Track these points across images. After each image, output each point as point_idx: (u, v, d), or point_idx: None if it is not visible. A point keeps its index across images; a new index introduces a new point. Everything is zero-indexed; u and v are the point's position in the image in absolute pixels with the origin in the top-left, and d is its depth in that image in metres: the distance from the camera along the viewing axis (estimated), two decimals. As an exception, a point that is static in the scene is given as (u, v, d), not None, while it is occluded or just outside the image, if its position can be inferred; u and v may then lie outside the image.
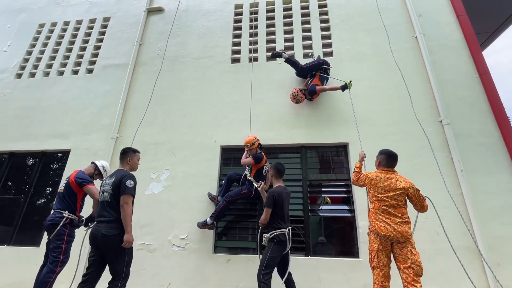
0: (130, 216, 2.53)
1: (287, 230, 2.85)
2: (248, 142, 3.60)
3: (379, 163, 2.74)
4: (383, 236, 2.42)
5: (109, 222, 2.51)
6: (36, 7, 6.42)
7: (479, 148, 3.66)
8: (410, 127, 3.81)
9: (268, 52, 4.89)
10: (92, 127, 4.69)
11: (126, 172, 2.68)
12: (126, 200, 2.52)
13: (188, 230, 3.76)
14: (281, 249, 2.80)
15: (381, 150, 2.78)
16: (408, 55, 4.40)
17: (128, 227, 2.49)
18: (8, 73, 5.59)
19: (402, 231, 2.38)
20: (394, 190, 2.49)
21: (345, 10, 4.99)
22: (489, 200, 3.37)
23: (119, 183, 2.57)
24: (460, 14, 4.53)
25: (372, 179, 2.63)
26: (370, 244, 2.56)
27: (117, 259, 2.51)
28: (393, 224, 2.41)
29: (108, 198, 2.57)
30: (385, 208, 2.48)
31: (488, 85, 3.95)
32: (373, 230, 2.51)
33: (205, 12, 5.53)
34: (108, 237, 2.45)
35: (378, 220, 2.49)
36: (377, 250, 2.44)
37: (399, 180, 2.55)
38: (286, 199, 2.96)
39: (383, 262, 2.41)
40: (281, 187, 3.02)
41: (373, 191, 2.60)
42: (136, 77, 5.05)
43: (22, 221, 4.34)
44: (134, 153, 2.89)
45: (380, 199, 2.51)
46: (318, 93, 4.16)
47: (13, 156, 4.86)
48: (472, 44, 4.27)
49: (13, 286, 3.72)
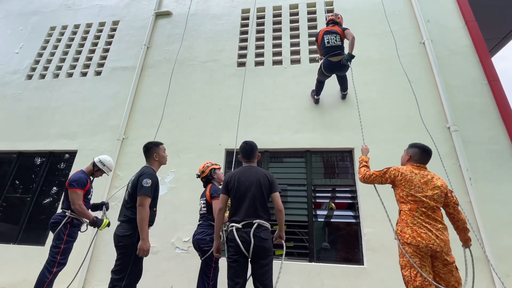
0: (146, 220, 2.26)
1: (240, 225, 2.14)
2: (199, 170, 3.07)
3: (409, 158, 2.34)
4: (424, 246, 1.94)
5: (123, 222, 2.35)
6: (48, 11, 6.58)
7: (488, 155, 3.59)
8: (417, 133, 3.75)
9: (274, 57, 4.91)
10: (99, 128, 4.75)
11: (147, 170, 2.46)
12: (141, 202, 2.27)
13: (191, 232, 3.73)
14: (233, 253, 2.13)
15: (412, 143, 2.42)
16: (415, 60, 4.36)
17: (143, 233, 2.22)
18: (19, 74, 5.72)
19: (445, 240, 1.98)
20: (432, 188, 2.08)
21: (352, 15, 4.99)
22: (498, 209, 3.29)
23: (137, 182, 2.37)
24: (468, 20, 4.48)
25: (406, 175, 2.17)
26: (405, 259, 2.02)
27: (121, 264, 2.25)
28: (434, 230, 1.98)
29: (127, 197, 2.42)
30: (424, 211, 2.04)
31: (497, 91, 3.89)
32: (408, 239, 2.02)
33: (212, 16, 5.59)
34: (119, 237, 2.28)
35: (416, 225, 2.02)
36: (420, 265, 1.93)
37: (435, 177, 2.16)
38: (244, 184, 2.26)
39: (428, 280, 1.91)
40: (242, 168, 2.42)
41: (408, 189, 2.13)
42: (143, 79, 5.12)
43: (29, 220, 4.40)
44: (157, 146, 2.64)
45: (419, 199, 2.07)
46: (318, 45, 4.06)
47: (21, 156, 4.94)
48: (481, 50, 4.22)
49: (18, 284, 3.75)
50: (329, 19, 4.08)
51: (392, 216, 3.34)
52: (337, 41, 3.75)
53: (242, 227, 2.14)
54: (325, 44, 3.80)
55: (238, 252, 2.11)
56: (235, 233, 2.14)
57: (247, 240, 2.08)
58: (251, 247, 2.07)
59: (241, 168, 2.42)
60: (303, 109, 4.27)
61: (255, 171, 2.36)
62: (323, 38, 3.84)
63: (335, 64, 3.72)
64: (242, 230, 2.13)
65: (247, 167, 2.42)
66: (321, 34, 3.92)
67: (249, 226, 2.13)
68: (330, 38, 3.78)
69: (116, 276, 2.23)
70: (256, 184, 2.25)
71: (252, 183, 2.26)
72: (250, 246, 2.07)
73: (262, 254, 2.10)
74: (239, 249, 2.09)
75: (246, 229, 2.13)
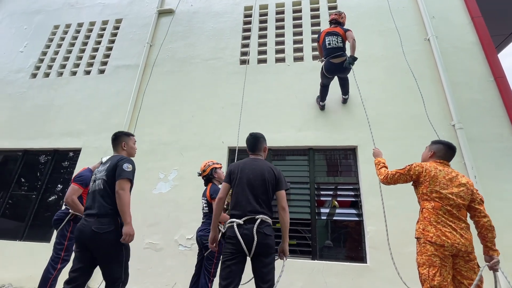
0: (128, 204, 2.07)
1: (241, 221, 2.01)
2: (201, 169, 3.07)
3: (432, 154, 2.27)
4: (450, 245, 1.88)
5: (100, 216, 2.03)
6: (51, 9, 6.61)
7: (494, 153, 3.55)
8: (422, 131, 3.72)
9: (277, 54, 4.89)
10: (103, 127, 4.77)
11: (124, 156, 2.29)
12: (123, 186, 2.07)
13: (194, 230, 3.76)
14: (231, 250, 2.00)
15: (435, 140, 2.39)
16: (420, 57, 4.31)
17: (127, 217, 2.03)
18: (24, 73, 5.76)
19: (470, 239, 1.93)
20: (458, 186, 2.01)
21: (356, 12, 4.94)
22: (504, 208, 3.25)
23: (115, 167, 2.15)
24: (474, 16, 4.42)
25: (431, 171, 2.09)
26: (424, 257, 1.95)
27: (114, 262, 2.04)
28: (459, 229, 1.92)
29: (102, 185, 2.13)
30: (449, 209, 1.97)
31: (503, 88, 3.84)
32: (433, 238, 1.94)
33: (215, 14, 5.57)
34: (100, 235, 1.97)
35: (440, 224, 1.94)
36: (440, 265, 1.87)
37: (459, 174, 2.10)
38: (248, 175, 2.13)
39: (448, 281, 1.85)
40: (247, 159, 2.32)
41: (432, 185, 2.05)
42: (146, 77, 5.12)
43: (34, 217, 4.45)
44: (128, 136, 2.49)
45: (444, 196, 1.99)
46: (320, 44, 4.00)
47: (26, 154, 4.99)
48: (487, 46, 4.16)
49: (24, 280, 3.81)
50: (331, 18, 4.04)
51: (393, 214, 3.35)
52: (339, 43, 3.74)
53: (243, 223, 2.00)
54: (326, 46, 3.78)
55: (238, 250, 1.97)
56: (236, 229, 1.99)
57: (250, 237, 1.95)
58: (254, 244, 1.94)
59: (246, 159, 2.30)
60: (306, 106, 4.25)
61: (260, 163, 2.21)
62: (325, 39, 3.83)
63: (336, 65, 3.70)
64: (243, 226, 1.99)
65: (252, 158, 2.30)
66: (322, 35, 3.91)
67: (251, 222, 2.00)
68: (332, 40, 3.77)
69: (115, 275, 2.05)
70: (261, 178, 2.11)
71: (256, 176, 2.12)
72: (252, 244, 1.94)
73: (265, 251, 1.98)
74: (240, 247, 1.96)
75: (248, 225, 1.99)
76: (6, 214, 4.61)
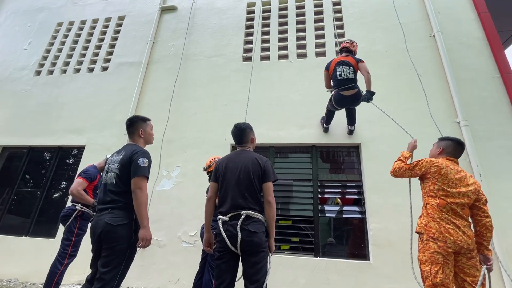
0: (146, 205, 1.93)
1: (226, 218, 1.92)
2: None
3: (441, 151, 2.25)
4: (452, 242, 1.89)
5: (114, 208, 1.92)
6: (55, 7, 6.62)
7: (499, 151, 3.51)
8: (426, 128, 3.69)
9: (280, 51, 4.86)
10: (107, 123, 4.80)
11: (138, 148, 2.10)
12: (139, 185, 1.93)
13: (197, 226, 3.79)
14: (219, 249, 1.93)
15: (443, 136, 2.36)
16: (425, 53, 4.26)
17: (144, 220, 1.89)
18: (28, 71, 5.80)
19: (472, 237, 1.94)
20: (466, 185, 2.00)
21: (360, 8, 4.88)
22: (509, 206, 3.22)
23: (128, 161, 1.99)
24: (481, 11, 4.34)
25: (442, 168, 2.06)
26: (427, 254, 1.95)
27: (114, 260, 1.83)
28: (462, 227, 1.93)
29: (114, 180, 1.99)
30: (453, 208, 1.97)
31: (510, 85, 3.78)
32: (435, 234, 1.95)
33: (217, 10, 5.55)
34: (113, 227, 1.84)
35: (444, 220, 1.96)
36: (443, 263, 1.87)
37: (468, 175, 2.09)
38: (232, 170, 2.03)
39: (450, 278, 1.86)
40: (232, 152, 2.23)
41: (440, 183, 2.04)
42: (149, 74, 5.13)
43: (39, 214, 4.51)
44: (145, 122, 2.28)
45: (451, 194, 1.99)
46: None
47: (31, 151, 5.04)
48: (493, 42, 4.10)
49: (29, 275, 3.87)
50: (342, 46, 3.65)
51: (395, 212, 3.33)
52: (350, 74, 3.40)
53: (228, 220, 1.91)
54: (337, 76, 3.43)
55: (225, 248, 1.88)
56: (221, 226, 1.91)
57: (234, 234, 1.85)
58: (238, 241, 1.83)
59: (231, 153, 2.22)
60: (309, 104, 4.23)
61: (245, 155, 2.09)
62: (335, 69, 3.47)
63: (347, 98, 3.40)
64: (228, 223, 1.90)
65: (238, 151, 2.19)
66: (333, 64, 3.54)
67: (236, 218, 1.89)
68: (343, 70, 3.41)
69: (106, 275, 1.80)
70: (245, 171, 1.99)
71: (240, 170, 2.00)
72: (237, 241, 1.84)
73: (251, 250, 1.84)
74: (225, 245, 1.87)
75: (233, 221, 1.89)
76: (12, 210, 4.67)
